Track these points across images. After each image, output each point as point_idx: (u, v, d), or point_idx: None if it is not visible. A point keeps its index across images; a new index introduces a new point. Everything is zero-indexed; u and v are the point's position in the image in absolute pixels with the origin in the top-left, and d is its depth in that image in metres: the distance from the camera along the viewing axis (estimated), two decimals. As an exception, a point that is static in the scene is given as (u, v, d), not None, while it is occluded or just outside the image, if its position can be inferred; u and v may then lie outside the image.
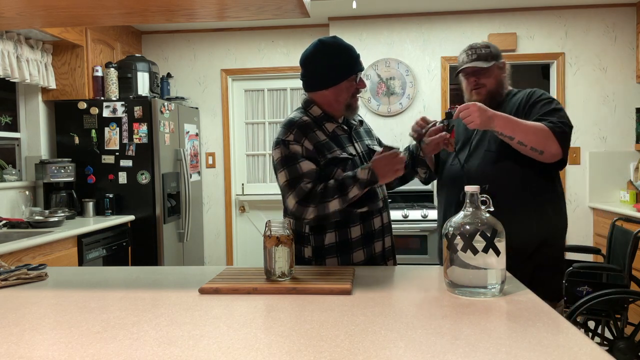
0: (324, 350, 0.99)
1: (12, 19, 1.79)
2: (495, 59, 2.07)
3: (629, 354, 2.70)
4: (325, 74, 1.86)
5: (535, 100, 2.01)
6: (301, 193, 1.75)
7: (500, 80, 2.10)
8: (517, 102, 2.05)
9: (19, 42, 3.63)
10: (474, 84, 2.08)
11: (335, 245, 1.85)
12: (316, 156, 1.80)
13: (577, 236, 4.54)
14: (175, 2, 1.60)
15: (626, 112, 4.51)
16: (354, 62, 1.88)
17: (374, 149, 1.97)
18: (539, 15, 4.56)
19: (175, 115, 4.36)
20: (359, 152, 1.92)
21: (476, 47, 2.09)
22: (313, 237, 1.87)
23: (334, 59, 1.86)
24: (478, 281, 1.35)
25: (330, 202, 1.74)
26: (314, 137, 1.82)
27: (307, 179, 1.77)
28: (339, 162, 1.81)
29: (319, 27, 4.85)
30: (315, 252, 1.87)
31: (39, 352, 1.02)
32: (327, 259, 1.86)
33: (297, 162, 1.78)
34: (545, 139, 1.87)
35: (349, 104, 1.88)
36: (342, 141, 1.88)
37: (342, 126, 1.91)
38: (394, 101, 4.69)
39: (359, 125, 2.01)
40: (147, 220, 4.02)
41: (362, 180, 1.74)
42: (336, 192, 1.74)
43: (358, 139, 1.97)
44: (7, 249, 2.63)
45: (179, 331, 1.12)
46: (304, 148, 1.79)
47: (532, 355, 0.95)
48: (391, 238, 1.99)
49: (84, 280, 1.67)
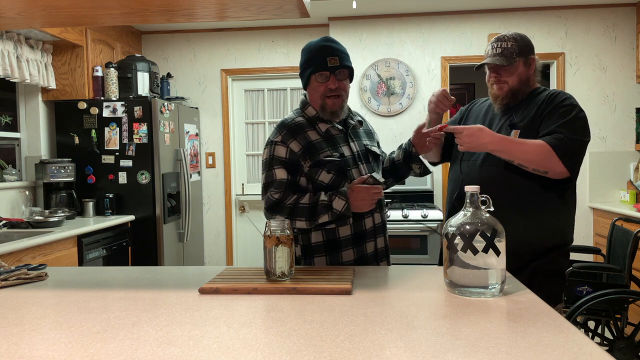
0: (324, 350, 0.99)
1: (12, 19, 1.79)
2: (522, 55, 1.94)
3: (629, 354, 2.70)
4: (300, 73, 1.91)
5: (555, 106, 1.89)
6: (269, 201, 1.82)
7: (525, 77, 1.97)
8: (539, 103, 1.94)
9: (19, 42, 3.63)
10: (495, 79, 1.98)
11: (323, 244, 1.86)
12: (299, 159, 1.82)
13: (577, 236, 4.53)
14: (175, 2, 1.60)
15: (626, 112, 4.51)
16: (316, 61, 1.82)
17: (372, 150, 1.98)
18: (539, 15, 4.56)
19: (175, 115, 4.36)
20: (355, 151, 1.92)
21: (503, 40, 1.95)
22: (301, 235, 1.89)
23: (303, 58, 1.89)
24: (478, 281, 1.35)
25: (297, 221, 1.79)
26: (305, 138, 1.84)
27: (275, 188, 1.81)
28: (324, 164, 1.82)
29: (319, 27, 4.85)
30: (304, 250, 1.89)
31: (39, 352, 1.02)
32: (315, 258, 1.88)
33: (273, 168, 1.83)
34: (547, 160, 1.79)
35: (322, 105, 1.87)
36: (336, 141, 1.89)
37: (336, 126, 1.91)
38: (394, 101, 4.69)
39: (358, 126, 2.00)
40: (147, 220, 4.02)
41: (336, 211, 1.75)
42: (305, 215, 1.77)
43: (355, 138, 1.96)
44: (7, 249, 2.63)
45: (179, 331, 1.12)
46: (288, 150, 1.82)
47: (532, 355, 0.95)
48: (384, 239, 1.97)
49: (84, 280, 1.67)
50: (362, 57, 4.72)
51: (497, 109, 2.03)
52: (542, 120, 1.89)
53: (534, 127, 1.90)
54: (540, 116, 1.90)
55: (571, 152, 1.81)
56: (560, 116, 1.86)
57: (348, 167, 1.86)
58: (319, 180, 1.82)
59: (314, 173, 1.82)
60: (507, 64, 1.93)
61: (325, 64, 1.81)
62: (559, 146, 1.79)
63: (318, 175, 1.82)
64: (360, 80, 4.71)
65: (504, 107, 2.00)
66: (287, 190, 1.81)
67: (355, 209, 1.76)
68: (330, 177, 1.82)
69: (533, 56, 1.99)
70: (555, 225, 1.91)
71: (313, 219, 1.77)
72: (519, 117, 1.96)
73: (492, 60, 1.95)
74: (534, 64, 2.00)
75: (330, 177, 1.82)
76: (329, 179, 1.82)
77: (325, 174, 1.82)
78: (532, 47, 1.99)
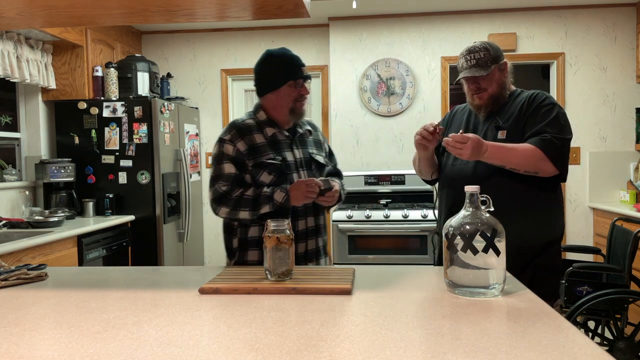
0: (324, 350, 0.99)
1: (12, 19, 1.79)
2: (495, 62, 2.02)
3: (629, 354, 2.70)
4: (268, 79, 2.03)
5: (537, 106, 1.97)
6: (216, 193, 1.96)
7: (502, 82, 2.05)
8: (520, 105, 2.02)
9: (19, 42, 3.63)
10: (475, 89, 2.04)
11: (257, 240, 1.96)
12: (244, 158, 1.95)
13: (577, 236, 4.54)
14: (175, 2, 1.60)
15: (626, 112, 4.51)
16: (293, 69, 2.00)
17: (316, 159, 2.08)
18: (539, 15, 4.56)
19: (175, 115, 4.36)
20: (298, 158, 2.03)
21: (475, 51, 2.03)
22: (239, 229, 2.01)
23: (275, 65, 2.02)
24: (478, 281, 1.35)
25: (241, 212, 1.92)
26: (251, 140, 1.98)
27: (223, 181, 1.95)
28: (266, 166, 1.94)
29: (319, 27, 4.85)
30: (241, 243, 2.01)
31: (39, 352, 1.02)
32: (249, 251, 1.99)
33: (222, 162, 1.97)
34: (537, 162, 1.87)
35: (292, 108, 2.00)
36: (280, 146, 2.00)
37: (283, 132, 2.02)
38: (394, 101, 4.69)
39: (307, 135, 2.11)
40: (147, 220, 4.02)
41: (277, 201, 1.89)
42: (249, 205, 1.91)
43: (301, 146, 2.06)
44: (7, 249, 2.63)
45: (179, 331, 1.12)
46: (235, 149, 1.96)
47: (532, 355, 0.95)
48: (316, 241, 2.05)
49: (84, 280, 1.67)
50: (362, 57, 4.72)
51: (482, 117, 2.08)
52: (527, 121, 1.96)
53: (519, 126, 1.98)
54: (524, 116, 1.97)
55: (559, 151, 1.89)
56: (544, 115, 1.94)
57: (289, 171, 1.98)
58: (260, 180, 1.95)
59: (256, 173, 1.95)
60: (485, 73, 2.00)
61: (301, 72, 2.01)
62: (547, 147, 1.87)
63: (259, 175, 1.95)
64: (360, 80, 4.71)
65: (488, 114, 2.06)
66: (235, 184, 1.95)
67: (294, 203, 1.91)
68: (271, 179, 1.94)
69: (505, 60, 2.07)
70: (548, 221, 1.98)
71: (256, 209, 1.89)
72: (503, 119, 2.02)
73: (471, 72, 2.01)
74: (507, 67, 2.08)
75: (271, 178, 1.94)
76: (269, 180, 1.94)
77: (266, 175, 1.94)
78: (501, 52, 2.07)
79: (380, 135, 4.73)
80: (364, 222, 4.09)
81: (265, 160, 1.95)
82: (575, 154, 4.52)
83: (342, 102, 4.76)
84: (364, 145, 4.72)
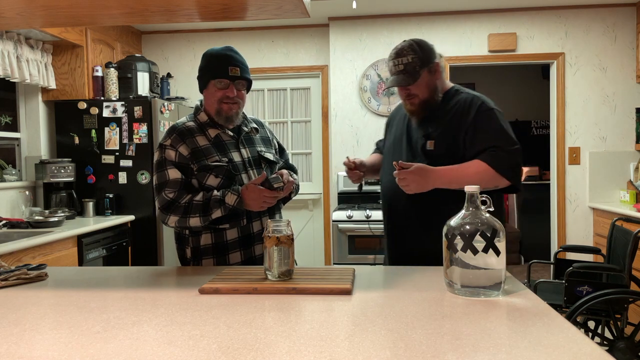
0: (324, 350, 0.99)
1: (12, 19, 1.79)
2: (424, 65, 1.90)
3: (629, 354, 2.70)
4: (198, 78, 1.97)
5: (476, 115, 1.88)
6: (163, 201, 1.86)
7: (434, 85, 1.94)
8: (453, 112, 1.93)
9: (19, 42, 3.63)
10: (405, 95, 1.96)
11: (211, 247, 1.91)
12: (189, 162, 1.87)
13: (577, 236, 4.54)
14: (175, 2, 1.60)
15: (626, 112, 4.51)
16: (218, 68, 1.90)
17: (265, 156, 2.01)
18: (539, 15, 4.56)
19: (175, 115, 4.36)
20: (245, 157, 1.96)
21: (402, 55, 1.90)
22: (191, 238, 1.94)
23: (204, 63, 1.95)
24: (478, 281, 1.35)
25: (191, 218, 1.84)
26: (193, 143, 1.90)
27: (170, 188, 1.86)
28: (211, 169, 1.87)
29: (319, 27, 4.85)
30: (194, 252, 1.95)
31: (39, 352, 1.02)
32: (203, 260, 1.93)
33: (165, 169, 1.88)
34: (490, 179, 1.81)
35: (217, 110, 1.92)
36: (226, 147, 1.94)
37: (228, 132, 1.96)
38: (394, 101, 4.69)
39: (254, 132, 2.04)
40: (147, 220, 4.01)
41: (228, 205, 1.82)
42: (199, 211, 1.83)
43: (248, 145, 2.00)
44: (7, 249, 2.63)
45: (179, 331, 1.12)
46: (177, 153, 1.88)
47: (532, 355, 0.95)
48: None
49: (84, 280, 1.67)
50: (362, 57, 4.72)
51: (415, 122, 2.01)
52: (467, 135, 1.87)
53: (449, 134, 1.90)
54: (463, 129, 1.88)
55: (509, 163, 1.84)
56: (485, 126, 1.87)
57: (237, 172, 1.91)
58: (207, 184, 1.88)
59: (202, 177, 1.88)
60: (413, 81, 1.90)
61: (227, 72, 1.89)
62: (496, 163, 1.82)
63: (206, 179, 1.88)
64: (360, 80, 4.71)
65: (421, 119, 1.99)
66: (182, 190, 1.86)
67: (249, 207, 1.83)
68: (219, 182, 1.88)
69: (436, 61, 1.94)
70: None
71: (207, 214, 1.82)
72: (433, 127, 1.94)
73: (397, 81, 1.92)
74: (439, 68, 1.96)
75: (219, 181, 1.88)
76: (217, 183, 1.88)
77: (213, 178, 1.87)
78: (433, 52, 1.94)
79: (380, 136, 4.71)
80: (364, 222, 4.09)
81: (211, 163, 1.87)
82: (575, 154, 4.53)
83: (342, 102, 4.76)
84: (364, 145, 4.71)
